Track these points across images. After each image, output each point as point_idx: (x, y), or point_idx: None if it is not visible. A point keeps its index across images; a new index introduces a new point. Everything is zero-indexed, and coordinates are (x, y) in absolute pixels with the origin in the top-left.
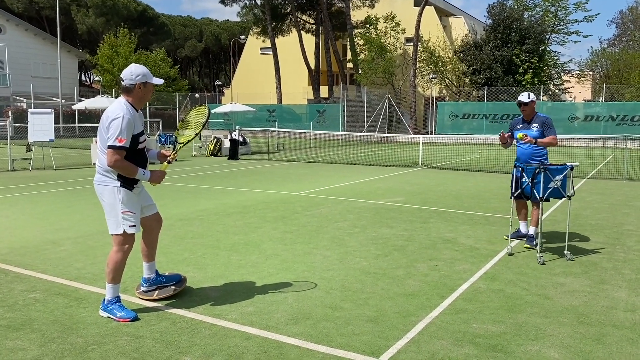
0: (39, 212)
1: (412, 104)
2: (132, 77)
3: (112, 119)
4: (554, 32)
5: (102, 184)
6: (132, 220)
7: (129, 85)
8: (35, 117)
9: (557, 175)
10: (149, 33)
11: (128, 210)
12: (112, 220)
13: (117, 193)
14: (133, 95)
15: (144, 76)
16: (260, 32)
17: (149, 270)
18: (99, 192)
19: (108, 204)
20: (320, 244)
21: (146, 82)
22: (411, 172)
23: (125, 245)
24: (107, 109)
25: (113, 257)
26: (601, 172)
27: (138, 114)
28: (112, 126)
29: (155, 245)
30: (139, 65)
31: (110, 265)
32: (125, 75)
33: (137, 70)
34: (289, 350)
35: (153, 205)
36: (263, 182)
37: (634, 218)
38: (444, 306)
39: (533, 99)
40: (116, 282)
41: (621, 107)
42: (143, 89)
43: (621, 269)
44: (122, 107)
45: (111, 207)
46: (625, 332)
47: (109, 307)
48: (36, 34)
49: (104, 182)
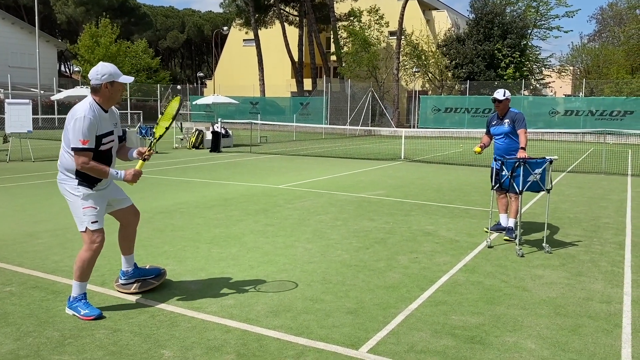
0: (17, 205)
1: (395, 97)
2: (98, 76)
3: (74, 118)
4: (536, 27)
5: (62, 182)
6: (93, 216)
7: (95, 85)
8: (12, 107)
9: (536, 168)
10: (130, 23)
11: (89, 206)
12: (76, 218)
13: (76, 190)
14: (100, 95)
15: (110, 75)
16: (243, 23)
17: (127, 263)
18: (62, 191)
19: (70, 202)
20: (302, 237)
21: (113, 81)
22: (393, 165)
23: (94, 244)
24: (73, 108)
25: (82, 255)
26: (580, 166)
27: (108, 114)
28: (75, 127)
29: (133, 239)
30: (106, 64)
31: (78, 263)
32: (91, 74)
33: (103, 69)
34: (268, 343)
35: (126, 199)
36: (245, 175)
37: (611, 211)
38: (424, 298)
39: (508, 96)
40: (83, 280)
41: (600, 102)
42: (110, 89)
43: (598, 261)
44: (85, 107)
45: (73, 205)
46: (600, 323)
47: (74, 305)
48: (14, 23)
49: (64, 180)
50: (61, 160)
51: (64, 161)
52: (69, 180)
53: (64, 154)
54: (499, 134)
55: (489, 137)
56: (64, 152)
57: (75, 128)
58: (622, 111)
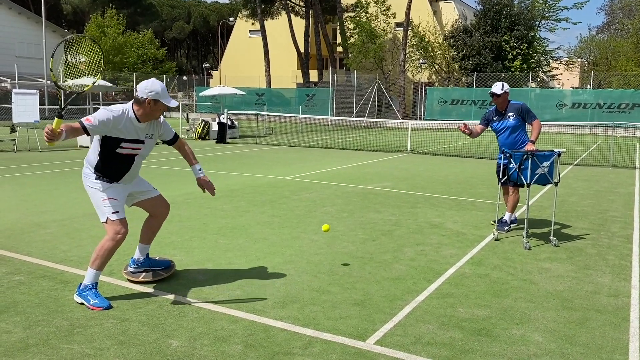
0: (24, 194)
1: (401, 89)
2: (145, 91)
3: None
4: (544, 18)
5: (85, 176)
6: (113, 207)
7: (140, 98)
8: (19, 97)
9: (544, 161)
10: (136, 14)
11: (109, 197)
12: (97, 209)
13: (95, 183)
14: (141, 107)
15: (156, 94)
16: (250, 14)
17: (141, 252)
18: (84, 184)
19: (91, 195)
20: (308, 228)
21: (158, 100)
22: (400, 157)
23: (118, 235)
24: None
25: (104, 244)
26: (587, 159)
27: (145, 125)
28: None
29: (157, 230)
30: (157, 82)
31: (100, 252)
32: (140, 87)
33: (152, 86)
34: (276, 334)
35: (152, 190)
36: (251, 166)
37: (619, 205)
38: (431, 290)
39: (506, 90)
40: (99, 269)
41: (608, 94)
42: (152, 106)
43: (605, 254)
44: (118, 107)
45: (93, 197)
46: (608, 317)
47: (84, 293)
48: (20, 13)
49: (87, 174)
50: (87, 155)
51: (89, 155)
52: (90, 174)
53: (89, 149)
54: (503, 128)
55: (481, 129)
56: (91, 146)
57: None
58: (630, 104)
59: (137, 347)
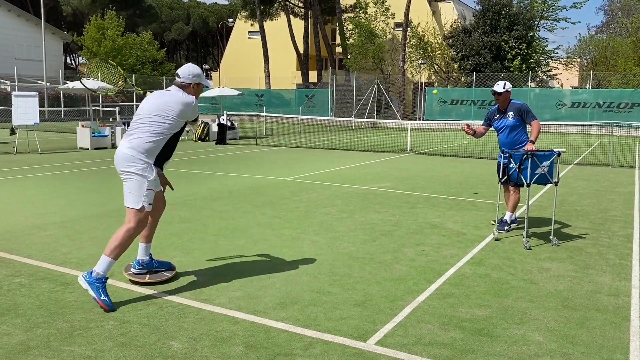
0: (24, 197)
1: (400, 89)
2: (189, 76)
3: (186, 102)
4: (543, 18)
5: (132, 164)
6: (150, 199)
7: (184, 83)
8: (19, 100)
9: (544, 161)
10: (136, 15)
11: (151, 188)
12: (134, 194)
13: (148, 171)
14: (187, 92)
15: (199, 77)
16: (249, 15)
17: (144, 252)
18: (125, 167)
19: (134, 181)
20: (308, 229)
21: (200, 83)
22: (399, 157)
23: (145, 223)
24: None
25: (126, 230)
26: (587, 158)
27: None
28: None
29: (156, 226)
30: (194, 65)
31: (120, 239)
32: (183, 73)
33: (194, 70)
34: (276, 335)
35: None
36: (251, 167)
37: (619, 204)
38: (431, 291)
39: (508, 88)
40: (116, 259)
41: (608, 94)
42: (196, 89)
43: (605, 254)
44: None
45: (137, 184)
46: (608, 316)
47: (97, 285)
48: (19, 15)
49: (136, 162)
50: (139, 144)
51: (144, 145)
52: (140, 162)
53: (139, 138)
54: (503, 127)
55: (484, 129)
56: (141, 135)
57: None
58: (630, 103)
59: (137, 349)
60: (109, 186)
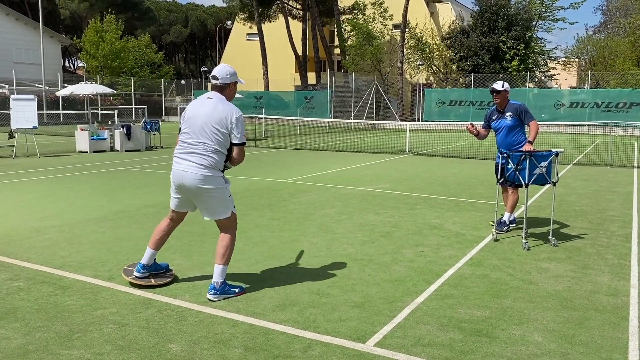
0: (23, 200)
1: (399, 90)
2: (227, 76)
3: (236, 116)
4: (541, 18)
5: (210, 180)
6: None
7: (223, 84)
8: (18, 103)
9: (542, 161)
10: (134, 18)
11: (230, 194)
12: (222, 207)
13: (225, 180)
14: (226, 93)
15: (235, 75)
16: (247, 17)
17: (151, 257)
18: (206, 187)
19: (219, 194)
20: (307, 231)
21: (236, 82)
22: (398, 159)
23: (236, 222)
24: (219, 106)
25: (230, 238)
26: (586, 158)
27: None
28: (240, 124)
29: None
30: (228, 65)
31: (227, 246)
32: (220, 74)
33: (230, 69)
34: (275, 337)
35: None
36: (250, 169)
37: (617, 204)
38: (430, 292)
39: (506, 88)
40: (228, 263)
41: (606, 94)
42: (233, 88)
43: (604, 254)
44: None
45: (222, 194)
46: (607, 316)
47: (225, 289)
48: (18, 19)
49: (212, 179)
50: (211, 162)
51: (213, 161)
52: (216, 177)
53: (209, 156)
54: (501, 127)
55: (486, 131)
56: (210, 153)
57: (241, 124)
58: (628, 103)
59: (136, 352)
60: (108, 189)
